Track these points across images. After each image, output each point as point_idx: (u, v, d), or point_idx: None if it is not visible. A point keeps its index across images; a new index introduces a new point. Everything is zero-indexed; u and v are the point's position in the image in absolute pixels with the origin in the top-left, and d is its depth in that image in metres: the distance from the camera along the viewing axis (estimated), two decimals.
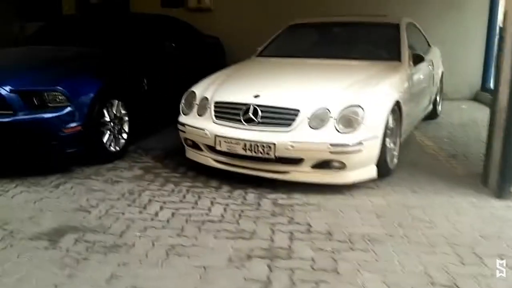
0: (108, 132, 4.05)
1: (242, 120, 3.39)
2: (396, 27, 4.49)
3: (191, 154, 3.83)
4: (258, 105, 3.38)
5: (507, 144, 3.06)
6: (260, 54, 4.78)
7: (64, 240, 2.66)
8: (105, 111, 3.99)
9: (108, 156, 4.08)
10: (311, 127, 3.23)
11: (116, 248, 2.58)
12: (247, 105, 3.41)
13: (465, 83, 6.95)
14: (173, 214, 3.03)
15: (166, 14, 5.90)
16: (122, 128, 4.25)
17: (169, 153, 4.38)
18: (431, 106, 5.34)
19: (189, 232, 2.77)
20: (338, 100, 3.29)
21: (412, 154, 4.24)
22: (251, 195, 3.34)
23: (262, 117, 3.34)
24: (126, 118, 4.28)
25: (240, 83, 3.88)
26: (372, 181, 3.44)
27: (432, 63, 5.07)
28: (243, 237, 2.70)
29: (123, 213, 3.05)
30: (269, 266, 2.36)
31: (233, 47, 6.73)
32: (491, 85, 6.92)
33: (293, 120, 3.26)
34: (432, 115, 5.58)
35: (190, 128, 3.67)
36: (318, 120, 3.24)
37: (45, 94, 3.58)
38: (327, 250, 2.52)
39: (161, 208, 3.14)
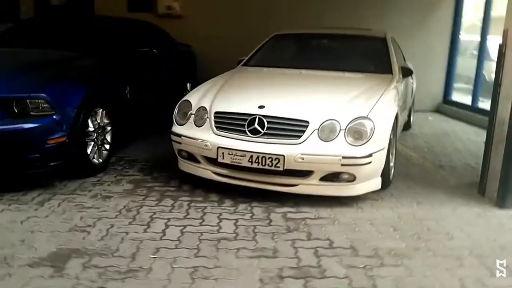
0: (92, 143, 3.75)
1: (247, 132, 3.26)
2: (383, 40, 4.58)
3: (186, 166, 3.62)
4: (264, 116, 3.26)
5: (508, 156, 3.18)
6: (247, 64, 4.66)
7: (70, 266, 2.38)
8: (89, 121, 3.68)
9: (91, 169, 3.77)
10: (321, 139, 3.17)
11: (132, 273, 2.34)
12: (252, 116, 3.28)
13: (428, 96, 7.24)
14: (182, 232, 2.82)
15: (142, 20, 5.62)
16: (105, 138, 3.95)
17: (155, 164, 4.13)
18: (407, 118, 5.49)
19: (206, 252, 2.58)
20: (347, 112, 3.25)
21: (400, 165, 4.31)
22: (258, 209, 3.21)
23: (268, 129, 3.23)
24: (109, 128, 3.99)
25: (240, 92, 3.74)
26: (375, 193, 3.43)
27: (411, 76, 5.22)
28: (266, 256, 2.55)
29: (126, 233, 2.79)
30: (305, 287, 2.25)
31: (204, 55, 6.56)
32: (453, 97, 7.34)
33: (302, 131, 3.18)
34: (406, 126, 5.75)
35: (187, 139, 3.47)
36: (327, 132, 3.18)
37: (28, 101, 3.23)
38: (359, 267, 2.44)
39: (167, 225, 2.92)
